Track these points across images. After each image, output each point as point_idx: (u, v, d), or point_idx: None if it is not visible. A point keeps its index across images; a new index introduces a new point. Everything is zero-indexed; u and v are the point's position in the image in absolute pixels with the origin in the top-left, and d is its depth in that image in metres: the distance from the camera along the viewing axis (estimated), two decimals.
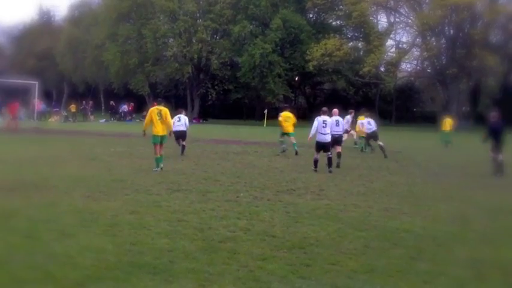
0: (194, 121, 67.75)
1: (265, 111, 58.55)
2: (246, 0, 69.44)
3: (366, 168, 21.05)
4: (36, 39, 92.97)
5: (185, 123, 25.08)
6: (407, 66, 72.79)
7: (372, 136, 26.74)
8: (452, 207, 13.08)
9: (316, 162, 19.48)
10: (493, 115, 20.63)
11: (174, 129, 21.85)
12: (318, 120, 19.53)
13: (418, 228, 10.62)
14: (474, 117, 62.01)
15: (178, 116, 24.96)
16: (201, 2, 72.81)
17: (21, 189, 13.52)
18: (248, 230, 10.04)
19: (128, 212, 11.16)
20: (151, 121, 18.45)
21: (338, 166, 20.89)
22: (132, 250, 8.48)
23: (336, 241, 9.52)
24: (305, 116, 68.23)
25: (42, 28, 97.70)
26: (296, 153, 24.79)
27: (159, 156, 18.30)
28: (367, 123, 27.03)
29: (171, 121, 19.95)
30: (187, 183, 15.39)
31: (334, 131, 20.73)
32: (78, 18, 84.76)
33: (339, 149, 21.60)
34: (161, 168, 18.11)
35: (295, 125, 26.32)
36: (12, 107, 40.08)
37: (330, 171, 19.12)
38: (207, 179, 16.43)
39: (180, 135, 24.24)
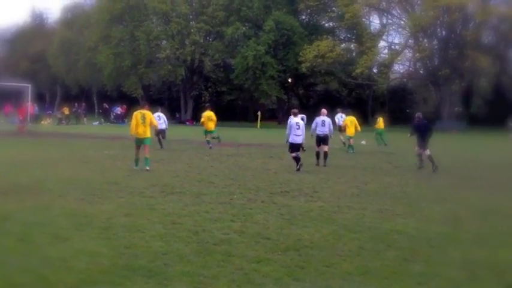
0: (187, 123, 67.82)
1: (259, 113, 58.64)
2: (238, 2, 69.57)
3: (360, 169, 21.11)
4: (29, 41, 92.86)
5: (165, 121, 29.06)
6: (399, 68, 73.11)
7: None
8: (445, 208, 13.11)
9: (296, 159, 20.07)
10: (418, 115, 23.00)
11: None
12: (291, 122, 20.32)
13: (411, 230, 10.64)
14: (467, 119, 62.21)
15: (157, 114, 27.22)
16: (193, 4, 72.89)
17: (15, 192, 13.48)
18: (242, 232, 10.04)
19: (122, 214, 11.14)
20: (136, 124, 19.17)
21: (325, 165, 21.69)
22: (127, 253, 8.45)
23: (330, 243, 9.52)
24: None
25: (35, 30, 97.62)
26: (219, 141, 29.76)
27: (139, 157, 18.97)
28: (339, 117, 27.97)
29: (156, 123, 21.31)
30: (181, 185, 15.39)
31: (320, 131, 22.16)
32: (71, 21, 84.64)
33: (325, 148, 22.24)
34: (147, 170, 18.49)
35: (216, 123, 30.08)
36: (22, 110, 40.40)
37: (298, 170, 19.69)
38: (201, 181, 16.44)
39: (160, 132, 27.66)
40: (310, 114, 34.47)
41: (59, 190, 13.91)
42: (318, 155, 22.36)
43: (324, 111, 23.21)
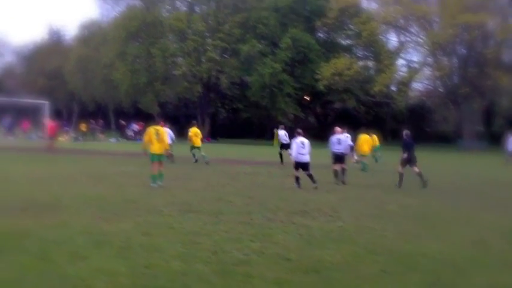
0: (204, 140, 67.71)
1: (275, 130, 58.44)
2: (254, 20, 69.76)
3: (378, 189, 20.89)
4: (46, 58, 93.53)
5: (171, 137, 29.23)
6: (418, 86, 72.69)
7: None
8: (469, 230, 12.87)
9: (297, 179, 20.29)
10: (406, 133, 22.81)
11: None
12: (296, 142, 20.51)
13: (435, 252, 10.42)
14: (488, 138, 61.58)
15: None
16: (209, 22, 73.09)
17: (33, 209, 13.42)
18: (262, 253, 9.90)
19: (141, 233, 11.03)
20: (150, 140, 19.37)
21: (343, 181, 21.98)
22: (146, 273, 8.35)
23: (351, 265, 9.36)
24: (316, 136, 68.22)
25: (52, 47, 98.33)
26: (207, 163, 29.21)
27: (156, 174, 19.08)
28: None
29: (167, 141, 21.02)
30: (199, 204, 15.26)
31: (336, 149, 22.60)
32: (87, 38, 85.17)
33: (343, 165, 22.58)
34: (159, 184, 18.78)
35: (202, 139, 30.98)
36: (51, 127, 40.57)
37: (316, 187, 19.89)
38: (219, 199, 16.30)
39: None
40: (328, 132, 34.24)
41: (76, 207, 13.84)
42: (335, 173, 22.53)
43: (338, 129, 23.38)
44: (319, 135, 74.94)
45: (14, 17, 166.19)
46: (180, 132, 31.90)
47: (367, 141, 29.12)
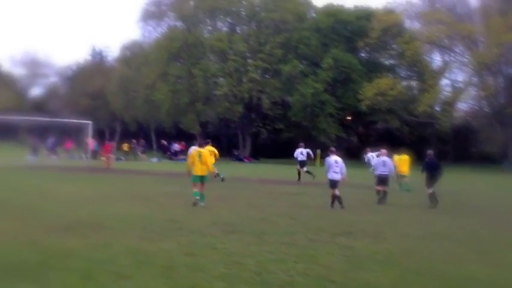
0: (246, 160, 67.78)
1: (318, 150, 58.16)
2: (296, 40, 69.81)
3: (422, 210, 20.58)
4: (89, 79, 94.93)
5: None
6: (463, 106, 71.66)
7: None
8: None
9: (333, 198, 20.38)
10: (429, 154, 22.95)
11: None
12: (330, 160, 20.68)
13: (483, 276, 10.16)
14: None
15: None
16: (251, 42, 73.31)
17: (77, 228, 13.46)
18: (306, 274, 9.73)
19: (183, 253, 10.95)
20: (193, 162, 19.73)
21: (384, 204, 22.06)
22: None
23: None
24: (358, 156, 67.78)
25: (95, 68, 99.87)
26: (222, 180, 29.49)
27: (197, 191, 19.32)
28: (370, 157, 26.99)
29: (210, 163, 20.90)
30: (242, 224, 15.15)
31: (381, 171, 22.87)
32: (129, 58, 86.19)
33: (385, 188, 22.67)
34: (200, 205, 18.83)
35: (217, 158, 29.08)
36: (106, 147, 41.40)
37: (342, 207, 19.98)
38: (262, 220, 16.17)
39: None
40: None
41: (119, 227, 13.83)
42: (378, 193, 22.69)
43: (383, 151, 23.68)
44: (361, 155, 74.66)
45: (57, 39, 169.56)
46: (221, 153, 31.78)
47: (406, 161, 28.82)
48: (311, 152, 34.29)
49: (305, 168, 32.96)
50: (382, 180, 22.81)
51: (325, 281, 9.34)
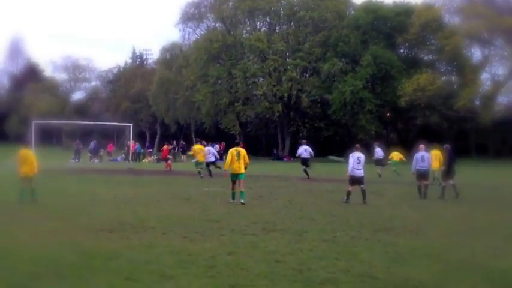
0: (285, 159, 67.80)
1: (357, 146, 58.00)
2: (335, 38, 69.48)
3: (463, 205, 20.41)
4: (130, 82, 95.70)
5: (214, 154, 34.88)
6: (504, 99, 70.52)
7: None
8: None
9: (348, 194, 20.89)
10: (446, 147, 24.13)
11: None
12: (353, 156, 21.19)
13: None
14: None
15: (208, 148, 35.39)
16: (290, 41, 73.21)
17: (120, 230, 13.67)
18: (348, 271, 9.78)
19: (225, 253, 11.07)
20: (231, 160, 20.54)
21: (425, 197, 22.51)
22: None
23: (440, 283, 9.15)
24: (398, 152, 67.20)
25: (135, 71, 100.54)
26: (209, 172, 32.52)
27: (236, 191, 20.27)
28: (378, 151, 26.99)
29: (248, 160, 21.38)
30: (282, 222, 15.23)
31: (420, 166, 23.29)
32: (169, 61, 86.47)
33: (426, 182, 23.24)
34: (242, 203, 19.33)
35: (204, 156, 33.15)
36: (164, 151, 41.99)
37: (365, 203, 20.39)
38: (302, 218, 16.23)
39: (210, 164, 33.48)
40: (409, 149, 33.85)
41: (161, 228, 14.01)
42: (419, 189, 22.94)
43: (422, 146, 23.99)
44: (401, 151, 73.95)
45: (97, 42, 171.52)
46: (260, 152, 31.97)
47: (437, 156, 28.64)
48: (311, 151, 35.32)
49: (303, 167, 34.04)
50: (422, 174, 23.20)
51: (367, 277, 9.38)
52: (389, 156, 38.06)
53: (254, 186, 25.66)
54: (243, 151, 20.88)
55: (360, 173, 20.99)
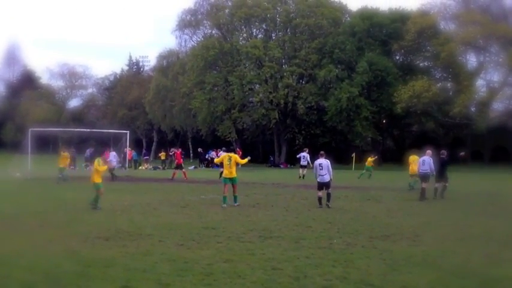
0: (282, 166, 67.84)
1: (353, 154, 58.01)
2: (331, 45, 69.61)
3: (460, 212, 20.45)
4: (126, 89, 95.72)
5: (116, 159, 39.53)
6: (499, 106, 70.66)
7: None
8: None
9: (319, 199, 21.70)
10: (442, 152, 25.55)
11: None
12: (316, 163, 22.38)
13: None
14: None
15: (113, 154, 39.42)
16: (286, 48, 73.38)
17: (117, 238, 13.69)
18: (344, 278, 9.81)
19: (222, 260, 11.09)
20: (223, 164, 22.30)
21: (434, 197, 24.31)
22: None
23: None
24: (394, 159, 67.18)
25: (132, 78, 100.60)
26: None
27: (227, 195, 21.33)
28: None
29: (242, 161, 23.58)
30: (279, 230, 15.25)
31: (421, 170, 24.99)
32: (166, 68, 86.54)
33: (423, 185, 24.58)
34: (236, 205, 20.89)
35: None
36: (178, 157, 41.33)
37: (328, 206, 21.18)
38: (299, 225, 16.25)
39: (113, 169, 35.82)
40: (405, 155, 33.89)
41: (158, 235, 14.02)
42: (422, 191, 24.39)
43: (429, 152, 25.43)
44: (397, 158, 73.91)
45: (94, 50, 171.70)
46: (257, 159, 32.02)
47: (414, 160, 28.74)
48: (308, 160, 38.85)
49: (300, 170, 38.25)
50: (421, 177, 24.92)
51: (363, 285, 9.41)
52: (366, 162, 41.39)
53: (251, 193, 25.69)
54: (234, 156, 22.26)
55: (323, 178, 21.82)
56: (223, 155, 23.03)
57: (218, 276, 9.82)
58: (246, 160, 23.89)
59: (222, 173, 24.67)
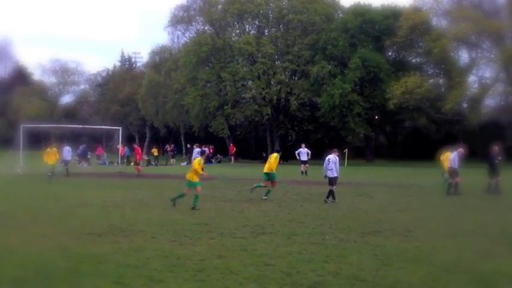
0: None
1: (345, 150, 58.05)
2: (324, 41, 69.55)
3: (454, 208, 20.49)
4: (119, 85, 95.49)
5: (70, 153, 38.68)
6: (491, 102, 70.84)
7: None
8: None
9: (332, 193, 22.04)
10: (494, 149, 27.22)
11: None
12: (326, 159, 23.08)
13: None
14: None
15: (67, 148, 38.36)
16: (279, 44, 73.28)
17: (109, 234, 13.68)
18: (337, 273, 9.83)
19: (215, 256, 11.10)
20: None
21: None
22: None
23: (429, 285, 9.23)
24: (386, 155, 67.39)
25: (124, 74, 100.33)
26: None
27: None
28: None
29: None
30: (271, 225, 15.27)
31: (450, 165, 26.05)
32: (158, 64, 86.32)
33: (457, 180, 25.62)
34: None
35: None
36: (138, 152, 40.87)
37: (326, 201, 21.63)
38: (291, 221, 16.27)
39: (66, 163, 37.11)
40: (397, 151, 33.92)
41: (150, 232, 14.02)
42: (449, 186, 25.65)
43: (460, 150, 27.15)
44: (389, 154, 74.03)
45: (86, 46, 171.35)
46: (249, 155, 31.89)
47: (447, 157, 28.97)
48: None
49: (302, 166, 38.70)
50: (451, 173, 25.91)
51: (356, 280, 9.43)
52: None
53: (243, 190, 25.69)
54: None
55: (330, 173, 22.37)
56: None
57: (211, 272, 9.83)
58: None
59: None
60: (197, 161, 20.56)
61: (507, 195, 24.19)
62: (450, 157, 26.53)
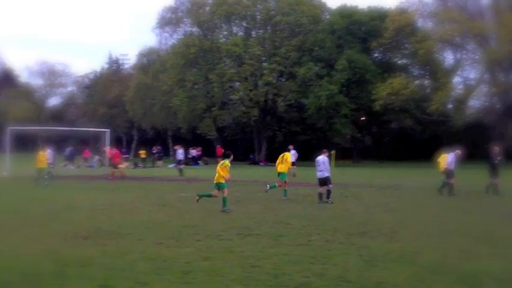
0: (262, 163, 67.83)
1: (333, 152, 58.15)
2: (311, 42, 69.81)
3: (439, 208, 20.65)
4: (106, 87, 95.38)
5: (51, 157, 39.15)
6: (475, 103, 71.20)
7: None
8: None
9: (319, 195, 22.45)
10: (495, 149, 27.47)
11: None
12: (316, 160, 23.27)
13: (498, 271, 10.28)
14: None
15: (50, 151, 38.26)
16: (266, 46, 73.40)
17: (95, 236, 13.68)
18: (322, 275, 9.90)
19: (201, 258, 11.14)
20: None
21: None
22: None
23: (413, 286, 9.31)
24: (373, 156, 67.56)
25: (112, 76, 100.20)
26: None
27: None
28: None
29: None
30: (258, 227, 15.33)
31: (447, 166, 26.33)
32: (146, 66, 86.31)
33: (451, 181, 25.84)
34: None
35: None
36: (116, 155, 39.80)
37: (328, 202, 21.88)
38: (278, 222, 16.34)
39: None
40: (384, 152, 34.07)
41: (137, 234, 14.03)
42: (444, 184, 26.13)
43: (457, 152, 27.17)
44: (375, 155, 74.26)
45: (73, 48, 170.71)
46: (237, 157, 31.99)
47: (443, 158, 29.12)
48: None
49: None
50: (448, 174, 26.13)
51: (341, 281, 9.49)
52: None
53: (230, 191, 25.70)
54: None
55: (320, 174, 22.72)
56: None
57: (197, 274, 9.87)
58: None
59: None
60: (224, 164, 20.12)
61: (504, 197, 24.40)
62: (447, 158, 26.67)
